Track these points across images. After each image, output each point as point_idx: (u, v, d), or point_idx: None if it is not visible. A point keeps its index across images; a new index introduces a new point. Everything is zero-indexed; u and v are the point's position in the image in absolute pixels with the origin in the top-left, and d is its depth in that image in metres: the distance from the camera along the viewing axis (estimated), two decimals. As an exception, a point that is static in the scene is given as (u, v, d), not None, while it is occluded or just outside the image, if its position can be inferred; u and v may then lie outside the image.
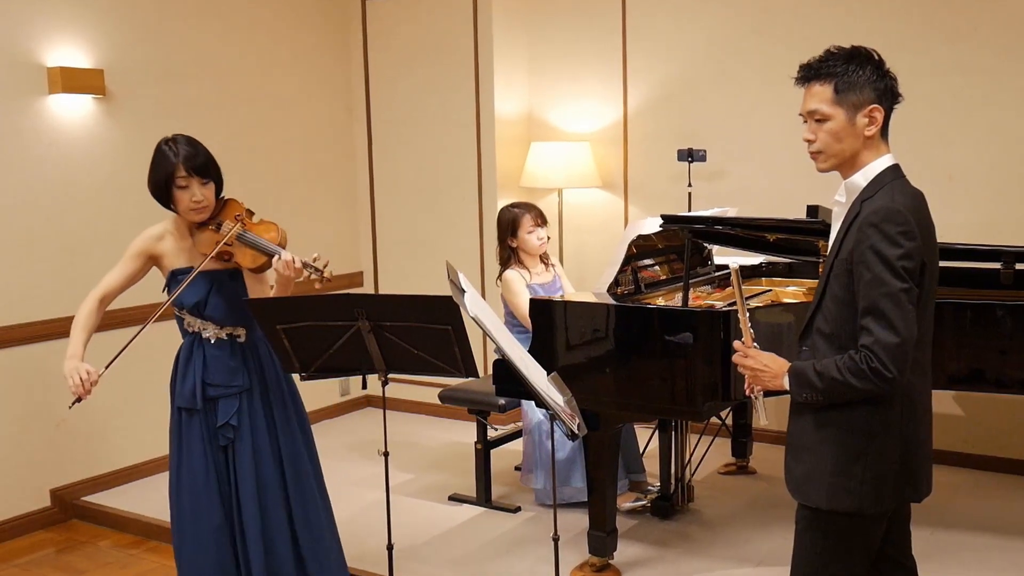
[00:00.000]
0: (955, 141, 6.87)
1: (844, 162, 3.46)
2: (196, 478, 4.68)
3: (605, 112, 8.27)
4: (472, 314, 4.03)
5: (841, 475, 3.41)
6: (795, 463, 3.58)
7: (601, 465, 5.43)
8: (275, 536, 4.73)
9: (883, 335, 3.21)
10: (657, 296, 5.97)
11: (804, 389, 3.41)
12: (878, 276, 3.23)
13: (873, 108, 3.38)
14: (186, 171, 4.57)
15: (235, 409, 4.69)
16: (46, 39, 6.63)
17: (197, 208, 4.61)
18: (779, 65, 7.47)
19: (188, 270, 4.64)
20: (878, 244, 3.24)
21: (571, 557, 5.70)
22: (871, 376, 3.23)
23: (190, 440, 4.69)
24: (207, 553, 4.68)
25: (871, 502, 3.42)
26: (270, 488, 4.73)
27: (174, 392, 4.79)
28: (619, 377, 5.23)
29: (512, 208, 6.61)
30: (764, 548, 5.83)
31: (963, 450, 7.02)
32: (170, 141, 4.68)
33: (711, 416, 5.45)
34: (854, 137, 3.40)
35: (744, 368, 3.61)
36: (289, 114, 8.29)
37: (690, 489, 6.52)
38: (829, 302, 3.45)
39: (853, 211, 3.39)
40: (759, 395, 3.68)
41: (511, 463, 7.26)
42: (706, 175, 7.69)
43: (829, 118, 3.40)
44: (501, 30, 8.32)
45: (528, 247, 6.54)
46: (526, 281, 6.51)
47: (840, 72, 3.38)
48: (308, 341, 4.36)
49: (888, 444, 3.40)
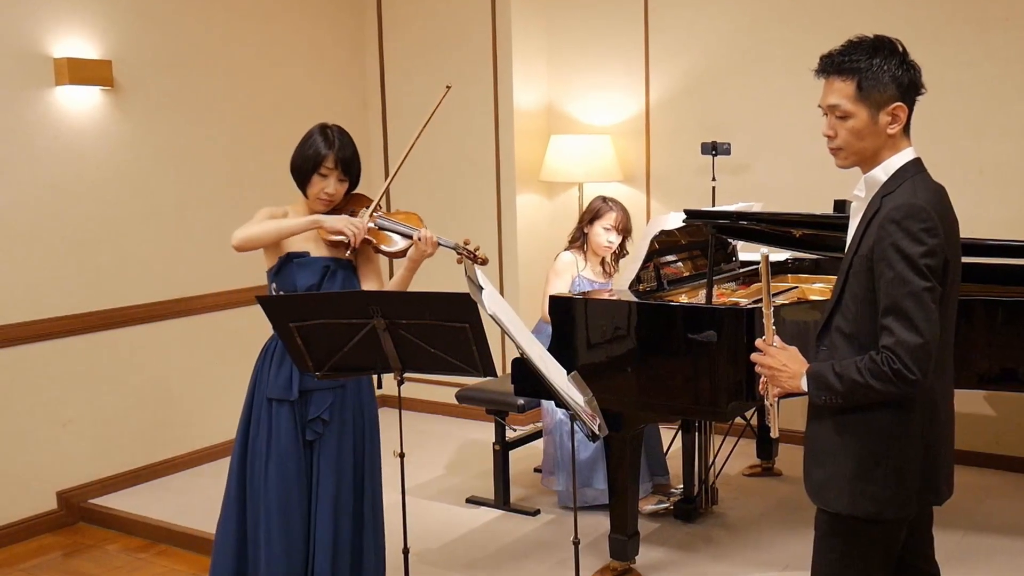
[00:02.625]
0: (986, 133, 6.85)
1: (865, 159, 3.45)
2: (288, 470, 4.73)
3: (627, 104, 8.28)
4: (490, 312, 4.04)
5: (862, 480, 3.41)
6: (814, 467, 3.57)
7: (623, 467, 5.44)
8: (340, 540, 4.77)
9: (905, 336, 3.19)
10: (680, 293, 5.97)
11: (823, 391, 3.39)
12: (900, 274, 3.21)
13: (897, 107, 3.36)
14: (333, 164, 4.77)
15: (329, 403, 4.75)
16: (52, 29, 6.64)
17: (325, 199, 4.80)
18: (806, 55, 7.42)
19: (305, 253, 4.79)
20: (900, 241, 3.22)
21: (592, 561, 5.71)
22: (893, 378, 3.21)
23: (279, 430, 4.74)
24: (298, 546, 4.74)
25: (893, 507, 3.42)
26: (345, 490, 4.78)
27: (261, 382, 4.82)
28: (641, 376, 5.24)
29: (606, 200, 6.63)
30: (789, 552, 5.83)
31: (994, 451, 7.00)
32: (329, 128, 4.88)
33: (735, 416, 5.46)
34: (876, 135, 3.39)
35: (762, 367, 3.58)
36: (302, 107, 8.30)
37: (714, 491, 6.53)
38: (848, 300, 3.44)
39: (873, 206, 3.39)
40: (775, 402, 3.64)
41: (530, 465, 7.26)
42: (731, 169, 7.69)
43: (851, 116, 3.38)
44: (520, 20, 8.33)
45: (595, 241, 6.57)
46: (577, 270, 6.55)
47: (864, 68, 3.35)
48: (322, 339, 4.35)
49: (909, 447, 3.39)
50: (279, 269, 4.81)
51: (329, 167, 4.75)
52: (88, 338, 6.90)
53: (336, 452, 4.76)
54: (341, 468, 4.78)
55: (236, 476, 4.85)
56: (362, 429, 4.87)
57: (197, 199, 7.55)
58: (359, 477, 4.85)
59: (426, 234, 4.74)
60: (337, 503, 4.76)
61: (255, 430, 4.80)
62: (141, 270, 7.20)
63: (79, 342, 6.86)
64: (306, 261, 4.78)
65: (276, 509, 4.72)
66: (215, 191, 7.66)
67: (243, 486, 4.83)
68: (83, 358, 6.89)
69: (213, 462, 7.58)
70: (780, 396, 3.59)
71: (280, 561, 4.72)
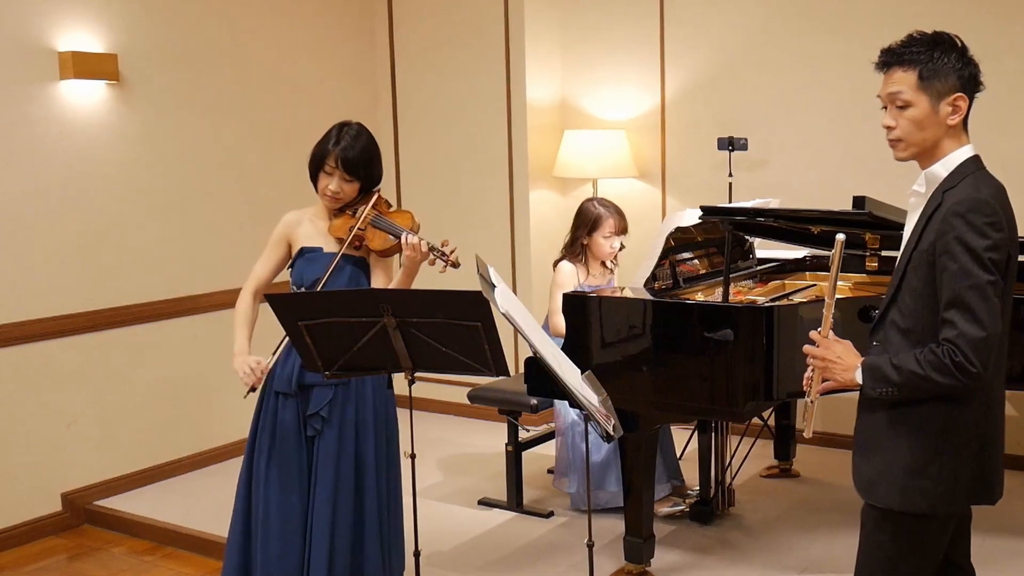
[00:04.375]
0: (1008, 130, 6.84)
1: (924, 152, 3.48)
2: (289, 466, 4.78)
3: (642, 99, 8.28)
4: (503, 310, 4.05)
5: (916, 475, 3.42)
6: (864, 462, 3.58)
7: (638, 468, 5.44)
8: (337, 540, 4.78)
9: (968, 328, 3.22)
10: (696, 291, 5.98)
11: (879, 384, 3.40)
12: (964, 267, 3.25)
13: (957, 97, 3.40)
14: (335, 161, 4.78)
15: (328, 400, 4.77)
16: (57, 22, 6.65)
17: (330, 196, 4.84)
18: (824, 50, 7.48)
19: (317, 249, 4.86)
20: (965, 235, 3.25)
21: (606, 564, 5.71)
22: (955, 371, 3.23)
23: (283, 424, 4.80)
24: (294, 545, 4.77)
25: (945, 503, 3.44)
26: (344, 489, 4.80)
27: (270, 377, 4.86)
28: (657, 376, 5.25)
29: (599, 205, 6.57)
30: (808, 555, 5.83)
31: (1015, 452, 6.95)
32: (345, 126, 4.90)
33: (753, 417, 5.46)
34: (937, 126, 3.43)
35: (815, 359, 3.59)
36: (311, 102, 8.31)
37: (730, 493, 6.53)
38: (906, 295, 3.47)
39: (934, 202, 3.41)
40: (815, 400, 3.66)
41: (543, 466, 7.26)
42: (748, 165, 7.69)
43: (912, 105, 3.42)
44: (533, 12, 8.33)
45: (598, 251, 6.54)
46: (579, 280, 6.51)
47: (924, 59, 3.40)
48: (331, 338, 4.36)
49: (964, 443, 3.41)
50: (293, 264, 4.93)
51: (331, 165, 4.78)
52: (93, 337, 6.92)
53: (336, 450, 4.78)
54: (340, 467, 4.79)
55: (245, 472, 4.90)
56: (368, 428, 4.88)
57: (204, 195, 7.56)
58: (360, 476, 4.86)
59: (411, 240, 4.73)
60: (335, 502, 4.77)
61: (263, 423, 4.86)
62: (147, 267, 7.21)
63: (84, 341, 6.87)
64: (315, 256, 4.85)
65: (275, 508, 4.77)
66: (223, 187, 7.67)
67: (250, 482, 4.88)
68: (88, 357, 6.90)
69: (221, 463, 7.60)
70: (829, 391, 3.62)
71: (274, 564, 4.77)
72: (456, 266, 4.68)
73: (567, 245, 6.68)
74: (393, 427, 5.03)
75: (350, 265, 4.85)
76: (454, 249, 4.73)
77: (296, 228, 4.94)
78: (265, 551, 4.78)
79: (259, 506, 4.81)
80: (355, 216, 4.85)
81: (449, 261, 4.69)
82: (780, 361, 5.02)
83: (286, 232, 4.95)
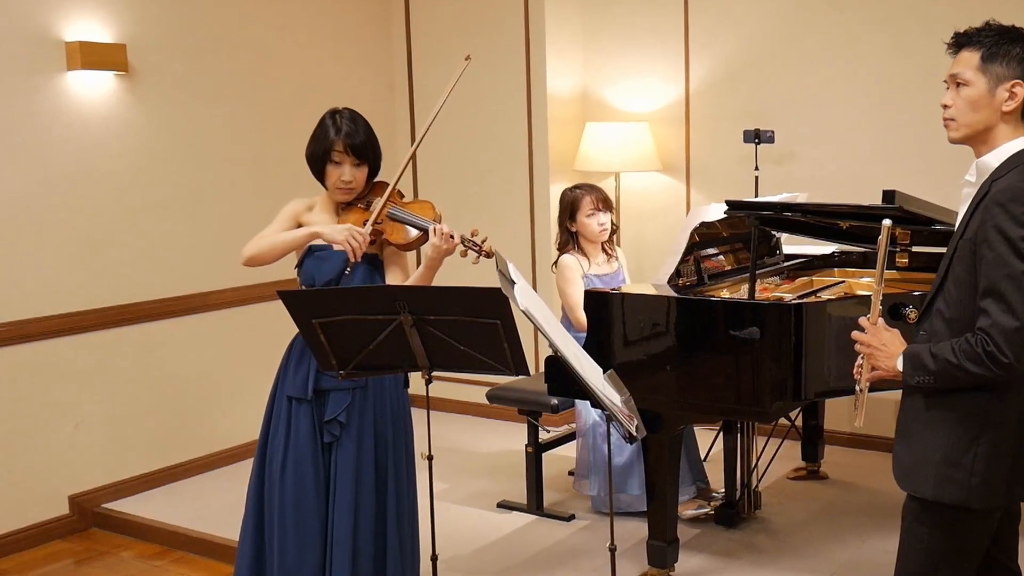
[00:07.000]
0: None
1: (976, 135, 3.54)
2: (305, 471, 4.78)
3: (665, 90, 8.27)
4: (522, 307, 4.05)
5: (950, 465, 3.45)
6: (903, 451, 3.63)
7: (661, 470, 5.45)
8: (360, 546, 4.79)
9: (1001, 318, 3.26)
10: (721, 288, 5.98)
11: (918, 372, 3.46)
12: (1000, 256, 3.29)
13: (1016, 84, 3.47)
14: (343, 148, 4.77)
15: (346, 404, 4.77)
16: (64, 11, 6.66)
17: (344, 188, 4.84)
18: (853, 40, 7.46)
19: (327, 247, 4.81)
20: (1003, 223, 3.30)
21: (629, 569, 5.72)
22: (987, 360, 3.27)
23: (298, 430, 4.79)
24: (313, 549, 4.77)
25: (979, 496, 3.45)
26: (365, 494, 4.80)
27: (282, 380, 4.88)
28: (681, 375, 5.26)
29: (573, 189, 6.64)
30: (836, 559, 5.82)
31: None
32: (336, 114, 4.88)
33: (780, 417, 5.46)
34: (991, 109, 3.49)
35: (862, 345, 3.64)
36: (325, 91, 8.24)
37: (757, 495, 6.54)
38: (951, 285, 3.51)
39: (982, 191, 3.46)
40: (865, 387, 3.70)
41: (564, 468, 7.28)
42: (774, 158, 7.68)
43: (969, 84, 3.50)
44: (554, 2, 8.33)
45: (587, 232, 6.56)
46: (583, 270, 6.53)
47: (990, 42, 3.49)
48: (346, 337, 4.36)
49: (1003, 435, 3.44)
50: (301, 262, 4.89)
51: (340, 153, 4.77)
52: (101, 335, 6.93)
53: (355, 455, 4.78)
54: (360, 472, 4.80)
55: (256, 476, 4.91)
56: (386, 430, 4.89)
57: (215, 189, 7.58)
58: (381, 481, 4.87)
59: (441, 228, 4.73)
60: (356, 508, 4.78)
61: (275, 428, 4.86)
62: (157, 263, 7.23)
63: (91, 339, 6.88)
64: (326, 255, 4.82)
65: (291, 513, 4.77)
66: (234, 180, 7.69)
67: (262, 487, 4.88)
68: (96, 356, 6.92)
69: (232, 465, 7.62)
70: (875, 380, 3.66)
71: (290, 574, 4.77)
72: (490, 256, 4.65)
73: (559, 242, 6.74)
74: (410, 429, 5.04)
75: (363, 262, 4.82)
76: (485, 238, 4.74)
77: (308, 214, 4.92)
78: (282, 559, 4.78)
79: (273, 513, 4.82)
80: (369, 209, 4.84)
81: (483, 251, 4.70)
82: (808, 360, 5.02)
83: (298, 213, 4.93)
